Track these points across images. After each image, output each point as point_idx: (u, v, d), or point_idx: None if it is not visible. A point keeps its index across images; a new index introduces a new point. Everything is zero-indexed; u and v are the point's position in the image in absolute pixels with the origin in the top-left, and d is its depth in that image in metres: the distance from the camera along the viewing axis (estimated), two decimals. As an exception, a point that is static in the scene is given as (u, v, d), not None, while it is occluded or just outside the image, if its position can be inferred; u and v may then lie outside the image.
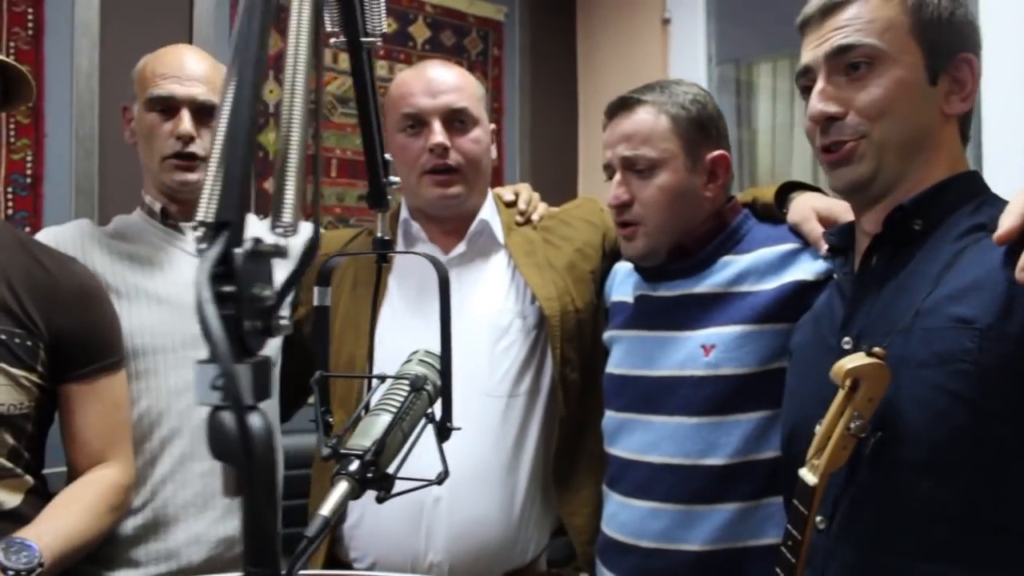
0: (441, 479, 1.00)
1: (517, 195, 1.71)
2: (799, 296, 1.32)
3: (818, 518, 1.03)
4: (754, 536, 1.34)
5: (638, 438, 1.42)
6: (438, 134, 1.52)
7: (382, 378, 1.05)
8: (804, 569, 0.99)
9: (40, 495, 1.37)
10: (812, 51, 1.10)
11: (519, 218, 1.66)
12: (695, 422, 1.36)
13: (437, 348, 1.05)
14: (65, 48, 2.06)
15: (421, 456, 0.97)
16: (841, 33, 1.06)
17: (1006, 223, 0.89)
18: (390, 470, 0.95)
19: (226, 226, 0.51)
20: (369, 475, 0.91)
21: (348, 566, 1.52)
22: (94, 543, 1.35)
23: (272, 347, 1.61)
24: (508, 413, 1.52)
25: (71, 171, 2.06)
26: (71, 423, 1.40)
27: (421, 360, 1.06)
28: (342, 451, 0.94)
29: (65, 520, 1.30)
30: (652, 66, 2.78)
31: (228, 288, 0.52)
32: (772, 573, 1.02)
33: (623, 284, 1.56)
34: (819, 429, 0.96)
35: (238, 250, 0.51)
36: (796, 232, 1.39)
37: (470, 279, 1.58)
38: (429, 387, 1.01)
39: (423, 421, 1.01)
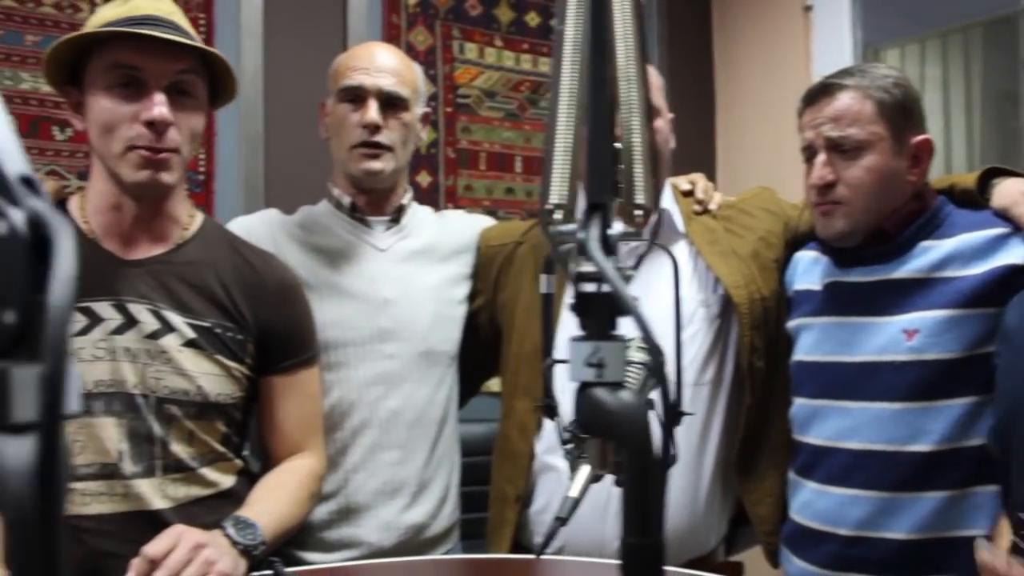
0: (670, 464, 1.01)
1: (693, 184, 1.70)
2: (1010, 280, 1.30)
3: None
4: (963, 526, 1.32)
5: (834, 424, 1.41)
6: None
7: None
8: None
9: (248, 476, 1.42)
10: None
11: (697, 207, 1.65)
12: (899, 408, 1.35)
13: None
14: (232, 50, 2.13)
15: None
16: None
17: None
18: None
19: (599, 208, 0.53)
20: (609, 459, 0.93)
21: (531, 551, 1.54)
22: (297, 527, 1.40)
23: (451, 339, 1.64)
24: (693, 402, 1.52)
25: (239, 168, 2.14)
26: (272, 414, 1.45)
27: (639, 347, 1.06)
28: (582, 435, 0.95)
29: (275, 504, 1.35)
30: (794, 55, 2.72)
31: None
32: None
33: (807, 272, 1.54)
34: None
35: (612, 231, 0.53)
36: (1003, 216, 1.36)
37: (652, 268, 1.57)
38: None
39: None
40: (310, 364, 1.48)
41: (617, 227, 0.53)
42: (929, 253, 1.39)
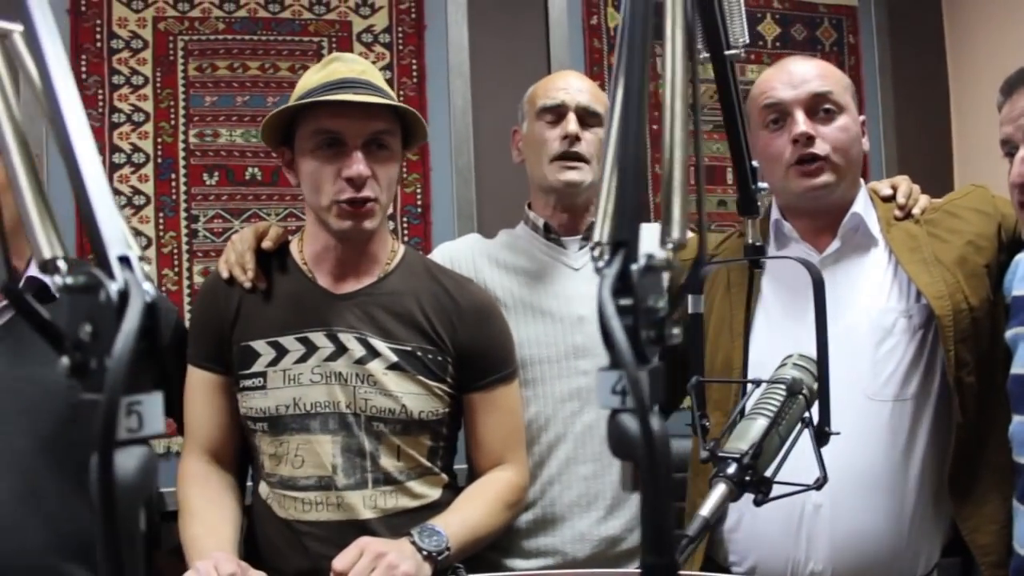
0: (820, 484, 0.98)
1: (895, 188, 1.61)
2: None
3: None
4: None
5: None
6: (801, 123, 1.47)
7: (757, 382, 1.05)
8: None
9: (453, 489, 1.53)
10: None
11: (898, 212, 1.55)
12: None
13: (812, 350, 1.03)
14: (442, 90, 2.31)
15: (799, 461, 0.96)
16: None
17: None
18: (767, 474, 0.96)
19: (623, 245, 0.55)
20: (747, 478, 0.92)
21: (726, 569, 1.52)
22: (493, 535, 1.49)
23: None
24: (894, 418, 1.43)
25: (453, 199, 2.30)
26: (474, 429, 1.55)
27: (795, 364, 1.04)
28: (720, 454, 0.95)
29: (469, 513, 1.44)
30: (1037, 32, 2.46)
31: (626, 301, 0.55)
32: None
33: None
34: None
35: (634, 266, 0.55)
36: None
37: (847, 277, 1.51)
38: (805, 391, 1.00)
39: (799, 426, 1.00)
40: (508, 381, 1.56)
41: (643, 262, 0.55)
42: None
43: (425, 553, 1.32)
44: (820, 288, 0.99)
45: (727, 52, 0.91)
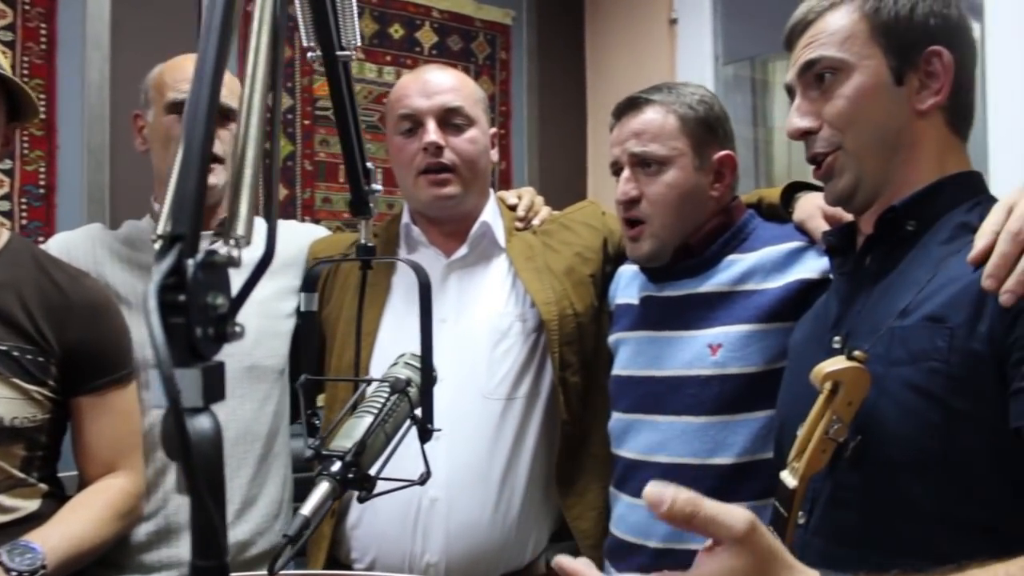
0: (423, 479, 1.02)
1: (520, 199, 1.72)
2: (804, 294, 1.33)
3: (799, 513, 1.04)
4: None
5: (645, 438, 1.43)
6: (431, 133, 1.53)
7: (368, 381, 1.07)
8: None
9: (57, 499, 1.40)
10: (790, 70, 1.12)
11: (519, 224, 1.67)
12: (703, 421, 1.37)
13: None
14: (76, 61, 2.10)
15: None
16: (808, 50, 1.09)
17: (978, 245, 0.92)
18: (373, 471, 0.97)
19: (179, 239, 0.53)
20: (350, 475, 0.93)
21: (348, 566, 1.54)
22: (101, 548, 1.38)
23: (278, 353, 1.64)
24: (506, 416, 1.53)
25: (83, 181, 2.10)
26: (81, 434, 1.43)
27: (407, 363, 1.07)
28: (324, 452, 0.95)
29: (72, 525, 1.33)
30: (659, 66, 2.78)
31: (180, 298, 0.53)
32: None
33: (628, 287, 1.56)
34: (801, 431, 0.97)
35: (189, 262, 0.53)
36: (801, 230, 1.39)
37: (472, 282, 1.60)
38: (413, 390, 1.02)
39: (408, 423, 1.03)
40: (124, 383, 1.46)
41: (199, 257, 0.53)
42: (733, 267, 1.42)
43: (15, 573, 1.20)
44: (426, 291, 1.02)
45: (339, 54, 0.92)
